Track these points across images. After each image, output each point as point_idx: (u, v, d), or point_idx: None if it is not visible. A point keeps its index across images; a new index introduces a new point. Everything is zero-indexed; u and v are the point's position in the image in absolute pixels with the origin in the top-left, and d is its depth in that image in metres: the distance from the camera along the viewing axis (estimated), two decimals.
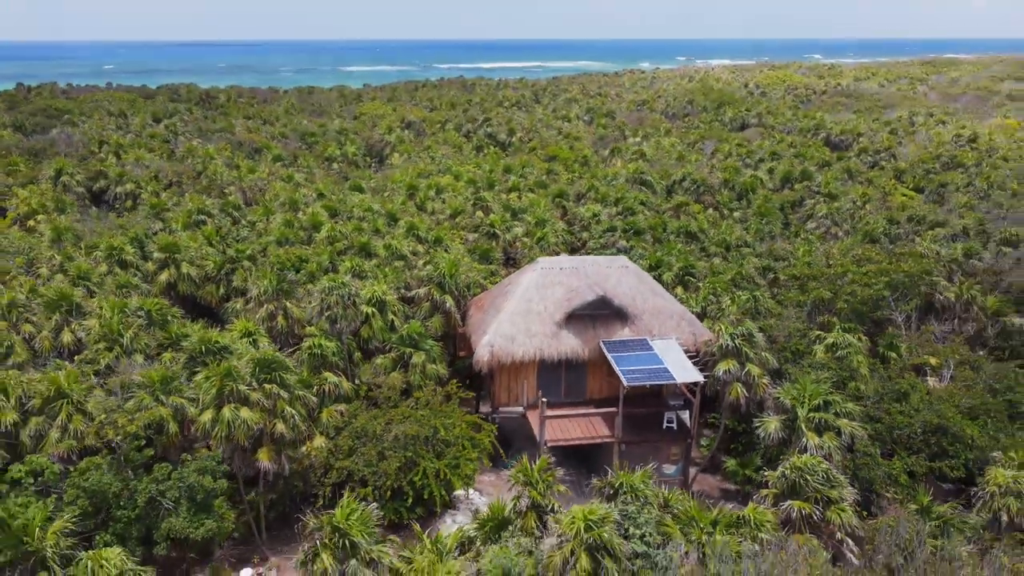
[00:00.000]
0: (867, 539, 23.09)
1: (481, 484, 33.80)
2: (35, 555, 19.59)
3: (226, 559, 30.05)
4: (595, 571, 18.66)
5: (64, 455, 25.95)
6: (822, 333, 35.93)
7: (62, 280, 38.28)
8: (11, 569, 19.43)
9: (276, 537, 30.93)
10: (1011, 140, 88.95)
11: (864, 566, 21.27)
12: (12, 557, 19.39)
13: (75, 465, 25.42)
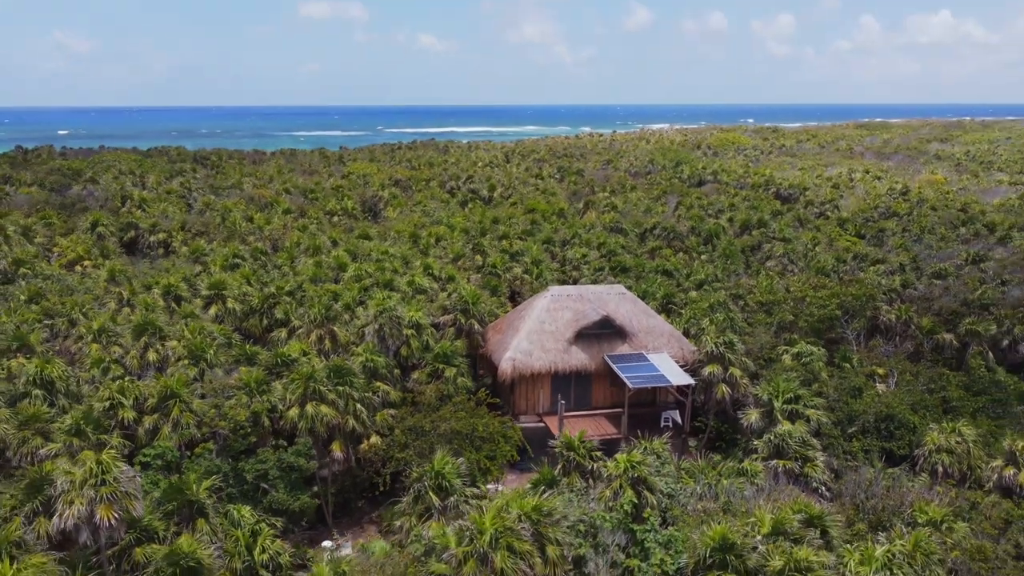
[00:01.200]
0: (836, 490, 29.10)
1: (507, 482, 39.04)
2: (195, 504, 24.48)
3: (299, 541, 34.70)
4: (637, 502, 24.25)
5: (177, 444, 30.75)
6: (788, 347, 42.48)
7: (129, 312, 43.14)
8: (178, 514, 24.29)
9: (337, 523, 35.70)
10: (938, 193, 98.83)
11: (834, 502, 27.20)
12: (178, 505, 24.29)
13: (189, 453, 30.31)
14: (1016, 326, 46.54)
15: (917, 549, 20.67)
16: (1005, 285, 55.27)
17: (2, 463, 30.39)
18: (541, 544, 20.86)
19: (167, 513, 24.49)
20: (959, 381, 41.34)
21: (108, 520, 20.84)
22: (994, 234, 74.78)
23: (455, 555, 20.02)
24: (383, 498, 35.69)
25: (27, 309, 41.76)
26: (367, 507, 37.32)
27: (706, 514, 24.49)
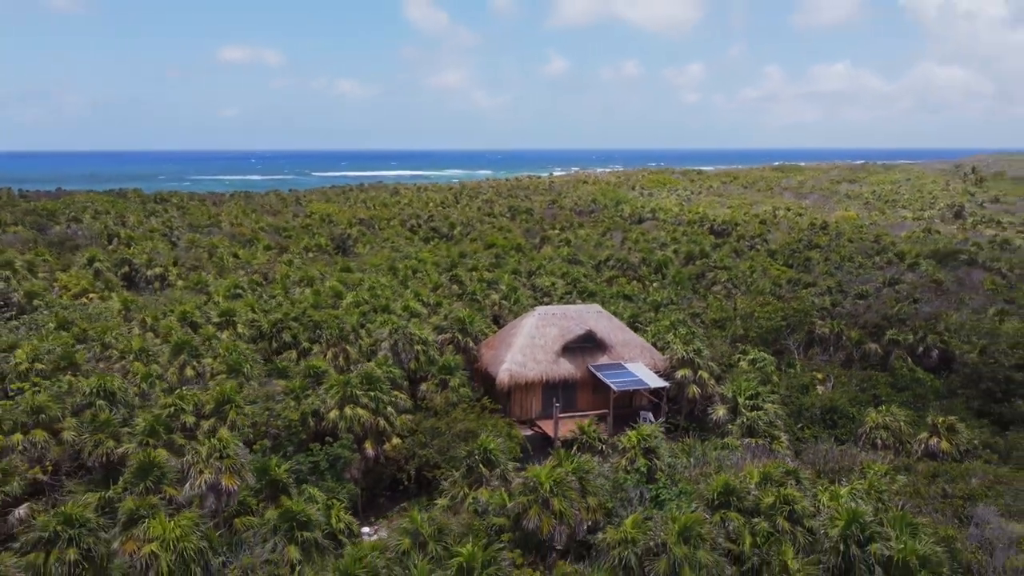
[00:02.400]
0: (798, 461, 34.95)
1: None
2: (278, 483, 28.55)
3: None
4: (649, 468, 29.49)
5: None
6: (743, 355, 48.76)
7: (152, 336, 46.45)
8: (266, 492, 28.29)
9: (365, 515, 39.64)
10: (852, 227, 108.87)
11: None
12: (265, 484, 28.33)
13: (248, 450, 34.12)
14: (928, 335, 53.96)
15: (872, 488, 26.53)
16: (917, 303, 63.28)
17: (78, 465, 33.71)
18: (583, 494, 25.90)
19: (256, 491, 28.50)
20: (886, 380, 48.30)
21: (231, 486, 24.90)
22: (904, 261, 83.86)
23: (520, 502, 24.85)
24: (401, 495, 40.03)
25: (58, 335, 44.63)
26: (387, 503, 41.38)
27: (703, 475, 29.92)
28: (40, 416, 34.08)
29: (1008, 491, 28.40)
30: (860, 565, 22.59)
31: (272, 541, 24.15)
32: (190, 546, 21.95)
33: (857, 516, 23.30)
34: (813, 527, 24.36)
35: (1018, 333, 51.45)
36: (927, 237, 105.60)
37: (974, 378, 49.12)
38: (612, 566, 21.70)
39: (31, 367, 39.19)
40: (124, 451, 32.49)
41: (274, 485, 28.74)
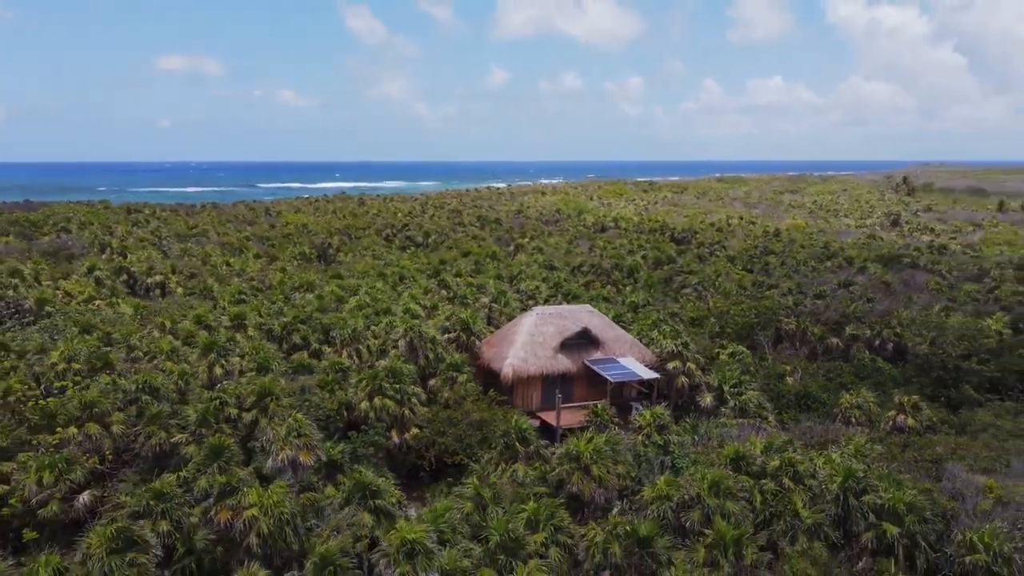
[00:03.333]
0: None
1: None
2: (334, 463, 31.34)
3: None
4: (664, 443, 33.18)
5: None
6: (722, 348, 52.98)
7: (172, 339, 48.45)
8: (323, 471, 31.06)
9: None
10: (803, 234, 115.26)
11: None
12: (321, 465, 31.13)
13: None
14: (884, 330, 59.12)
15: (858, 451, 30.69)
16: (871, 302, 68.71)
17: (132, 456, 35.86)
18: (615, 463, 29.42)
19: (315, 470, 31.25)
20: (849, 369, 53.10)
21: (307, 461, 27.73)
22: (853, 265, 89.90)
23: (564, 469, 28.25)
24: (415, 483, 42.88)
25: (82, 338, 46.32)
26: (404, 489, 44.17)
27: (708, 449, 33.74)
28: (93, 410, 36.13)
29: (968, 455, 32.89)
30: (856, 512, 26.59)
31: (347, 509, 27.01)
32: (285, 511, 24.72)
33: (852, 473, 27.35)
34: (813, 485, 28.29)
35: (963, 327, 56.95)
36: (871, 243, 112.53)
37: (926, 367, 54.29)
38: (653, 518, 25.20)
39: (68, 367, 41.04)
40: (177, 441, 34.90)
41: (331, 465, 31.55)
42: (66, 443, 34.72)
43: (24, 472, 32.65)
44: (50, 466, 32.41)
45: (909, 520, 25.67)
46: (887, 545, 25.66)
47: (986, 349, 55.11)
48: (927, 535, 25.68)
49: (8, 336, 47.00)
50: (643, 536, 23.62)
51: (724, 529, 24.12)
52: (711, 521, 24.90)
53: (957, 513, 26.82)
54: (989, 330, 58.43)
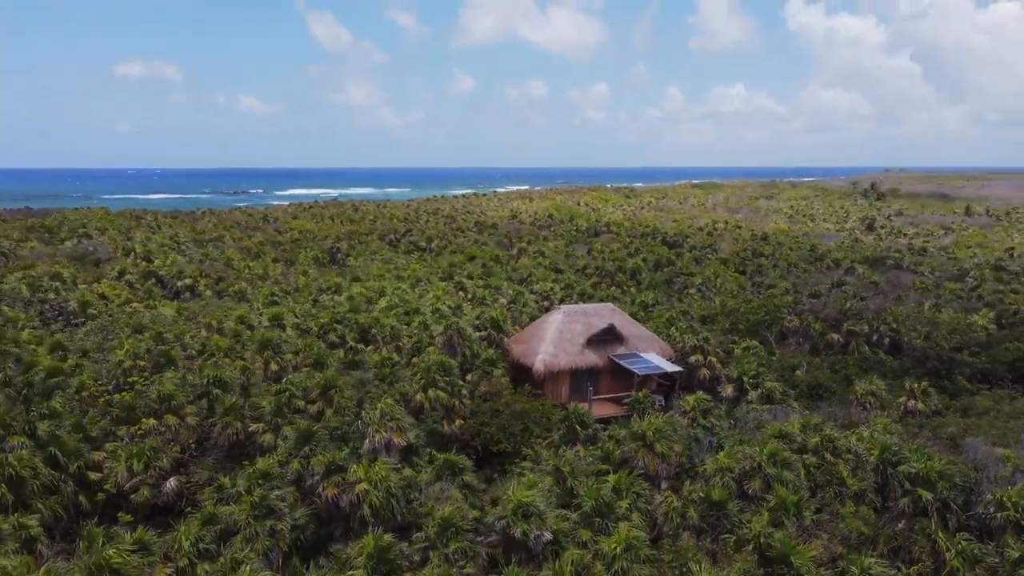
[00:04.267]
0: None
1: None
2: (409, 446, 33.87)
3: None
4: (709, 425, 36.15)
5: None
6: (736, 343, 56.26)
7: (219, 338, 50.53)
8: (400, 453, 33.57)
9: None
10: (790, 238, 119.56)
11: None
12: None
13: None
14: (880, 326, 62.83)
15: (885, 429, 33.94)
16: (864, 300, 72.55)
17: (211, 444, 38.04)
18: (673, 441, 32.35)
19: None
20: (853, 362, 56.63)
21: (400, 442, 30.28)
22: (840, 267, 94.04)
23: (630, 447, 31.08)
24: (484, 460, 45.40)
25: (136, 338, 48.25)
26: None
27: (743, 430, 36.80)
28: (170, 403, 38.30)
29: (979, 432, 36.32)
30: (894, 480, 29.75)
31: (438, 484, 29.60)
32: (392, 484, 27.26)
33: (888, 446, 30.55)
34: (849, 459, 31.42)
35: (954, 322, 60.89)
36: (855, 246, 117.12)
37: (921, 359, 57.99)
38: (720, 486, 28.13)
39: (134, 364, 43.05)
40: (254, 430, 37.22)
41: (408, 449, 34.07)
42: (149, 433, 36.85)
43: (115, 460, 34.78)
44: (138, 455, 34.59)
45: (940, 486, 28.83)
46: (922, 508, 28.77)
47: (976, 342, 59.01)
48: (956, 499, 28.86)
49: (63, 336, 48.76)
50: (716, 500, 26.52)
51: (784, 494, 27.12)
52: (771, 488, 27.89)
53: (980, 481, 30.08)
54: (977, 325, 62.39)
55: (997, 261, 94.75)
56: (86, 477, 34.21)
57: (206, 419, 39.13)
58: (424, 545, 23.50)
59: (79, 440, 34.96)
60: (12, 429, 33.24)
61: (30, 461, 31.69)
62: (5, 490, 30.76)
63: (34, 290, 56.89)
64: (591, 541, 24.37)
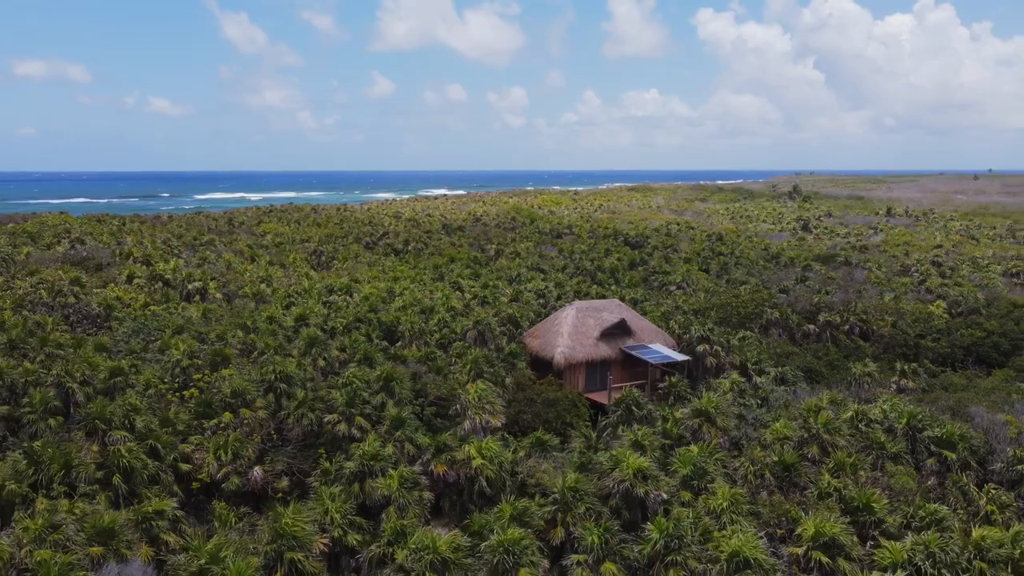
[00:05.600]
0: None
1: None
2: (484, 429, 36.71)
3: None
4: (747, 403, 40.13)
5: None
6: (732, 334, 60.80)
7: (254, 336, 52.03)
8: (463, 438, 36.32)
9: None
10: (741, 238, 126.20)
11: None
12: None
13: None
14: (851, 316, 68.56)
15: (895, 403, 38.64)
16: (829, 294, 78.49)
17: (283, 435, 39.91)
18: (727, 416, 36.21)
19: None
20: (834, 349, 61.96)
21: (496, 423, 33.14)
22: (796, 264, 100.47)
23: (695, 422, 34.75)
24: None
25: (179, 338, 49.38)
26: None
27: (775, 408, 40.97)
28: (244, 397, 40.06)
29: (975, 402, 41.52)
30: (921, 444, 34.30)
31: (531, 460, 32.61)
32: (505, 459, 30.16)
33: (914, 414, 35.11)
34: (880, 427, 35.86)
35: (916, 311, 67.04)
36: (801, 244, 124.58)
37: (891, 345, 63.83)
38: (779, 453, 32.04)
39: (192, 363, 44.43)
40: (329, 420, 39.36)
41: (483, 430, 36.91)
42: (227, 426, 38.56)
43: (205, 452, 36.53)
44: (224, 446, 36.44)
45: (961, 447, 33.49)
46: (947, 467, 33.39)
47: (936, 329, 65.26)
48: (974, 458, 33.61)
49: (102, 339, 49.41)
50: (788, 463, 30.41)
51: (841, 456, 31.23)
52: (827, 452, 31.98)
53: (990, 441, 34.95)
54: (935, 315, 68.81)
55: (934, 258, 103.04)
56: (179, 468, 35.84)
57: (275, 412, 41.00)
58: (554, 508, 26.47)
59: (169, 434, 36.47)
60: (113, 424, 34.58)
61: (137, 453, 33.23)
62: (120, 480, 32.25)
63: (54, 295, 56.87)
64: (691, 500, 27.83)
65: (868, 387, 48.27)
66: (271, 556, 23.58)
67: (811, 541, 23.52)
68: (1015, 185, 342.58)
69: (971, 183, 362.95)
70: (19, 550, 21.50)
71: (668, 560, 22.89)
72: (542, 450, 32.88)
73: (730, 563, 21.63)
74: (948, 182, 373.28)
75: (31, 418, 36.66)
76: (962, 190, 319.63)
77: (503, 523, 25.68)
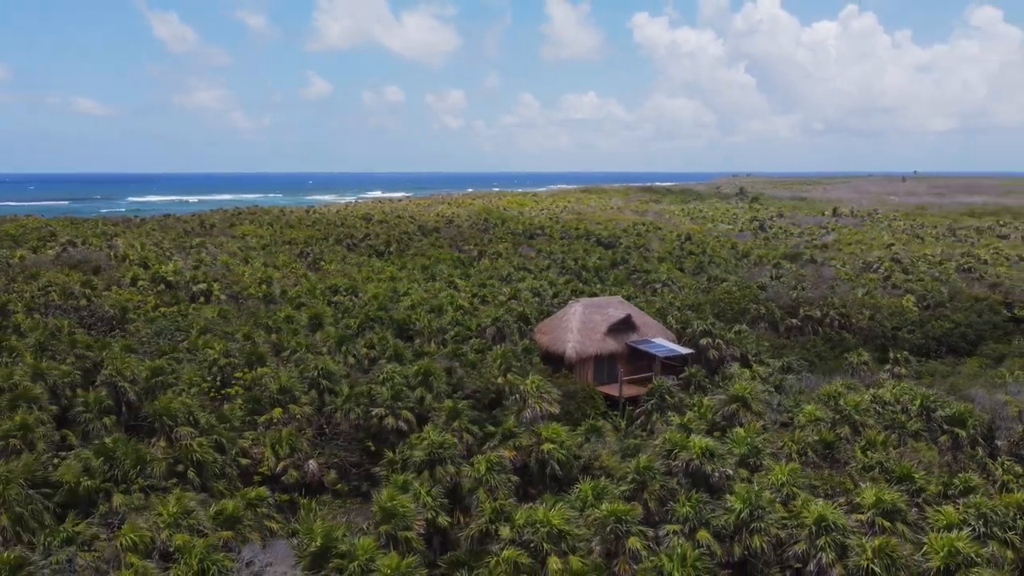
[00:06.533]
0: None
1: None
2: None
3: None
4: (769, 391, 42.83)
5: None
6: (730, 327, 63.81)
7: (276, 336, 52.78)
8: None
9: None
10: (709, 237, 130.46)
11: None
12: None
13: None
14: (831, 310, 72.41)
15: (904, 387, 41.86)
16: (804, 290, 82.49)
17: (333, 429, 41.04)
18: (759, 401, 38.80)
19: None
20: (821, 341, 65.56)
21: (554, 410, 35.03)
22: (766, 262, 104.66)
23: (732, 407, 37.22)
24: None
25: (206, 338, 49.82)
26: None
27: (790, 394, 43.79)
28: (293, 394, 41.06)
29: (971, 385, 45.12)
30: (934, 423, 37.41)
31: (587, 445, 34.61)
32: (572, 443, 32.09)
33: (927, 395, 38.25)
34: (896, 408, 38.89)
35: (892, 304, 71.29)
36: (767, 244, 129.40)
37: (869, 336, 67.84)
38: (819, 432, 34.70)
39: (228, 362, 45.09)
40: (378, 413, 40.67)
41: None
42: (278, 422, 39.55)
43: (263, 446, 37.55)
44: (279, 441, 37.56)
45: (970, 424, 36.69)
46: (958, 443, 36.53)
47: (911, 322, 69.56)
48: (981, 434, 36.86)
49: (127, 340, 49.53)
50: (828, 441, 33.08)
51: (872, 433, 34.06)
52: (858, 431, 34.77)
53: (994, 419, 38.32)
54: (907, 308, 73.22)
55: (894, 255, 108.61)
56: (239, 462, 36.74)
57: (320, 408, 42.10)
58: (632, 486, 28.49)
59: (227, 430, 37.30)
60: (178, 420, 35.29)
61: (207, 448, 34.09)
62: (194, 474, 33.12)
63: (65, 297, 56.49)
64: (749, 477, 30.18)
65: (864, 374, 51.62)
66: (384, 535, 24.99)
67: (873, 508, 26.01)
68: (942, 186, 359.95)
69: (900, 184, 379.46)
70: (158, 534, 22.48)
71: (752, 527, 25.10)
72: (597, 435, 34.90)
73: (817, 526, 23.95)
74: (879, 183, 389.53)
75: (87, 417, 37.04)
76: (894, 191, 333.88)
77: (587, 500, 27.57)
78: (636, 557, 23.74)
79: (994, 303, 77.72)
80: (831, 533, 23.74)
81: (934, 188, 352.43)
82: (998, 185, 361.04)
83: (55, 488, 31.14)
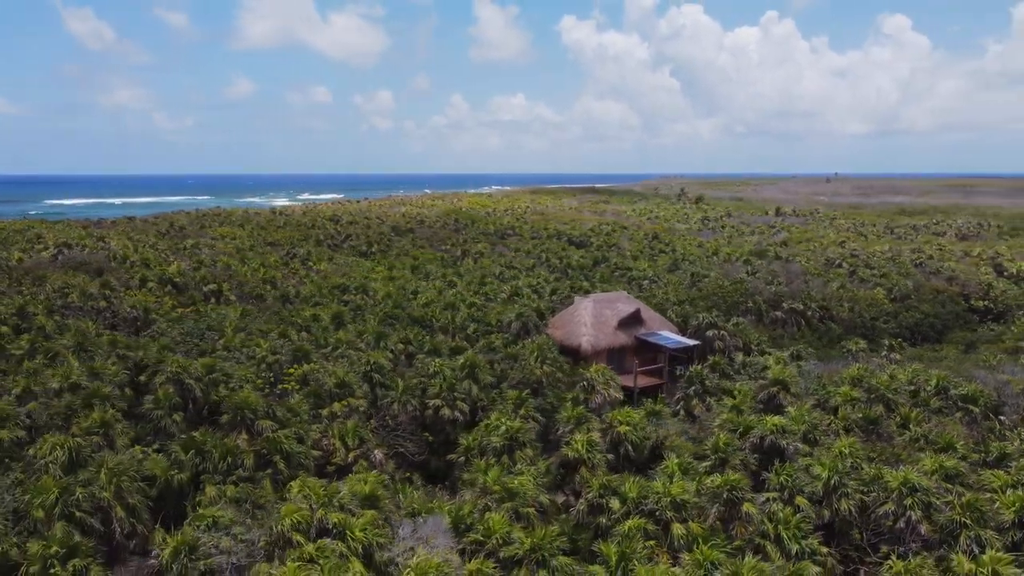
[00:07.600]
0: None
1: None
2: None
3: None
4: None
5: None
6: (727, 319, 66.97)
7: (305, 335, 53.39)
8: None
9: None
10: (675, 236, 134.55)
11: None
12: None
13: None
14: (812, 303, 76.51)
15: (916, 370, 45.39)
16: (782, 284, 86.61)
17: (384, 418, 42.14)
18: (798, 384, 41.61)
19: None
20: (810, 332, 69.37)
21: (620, 396, 37.06)
22: (734, 259, 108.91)
23: (771, 390, 39.95)
24: None
25: (239, 337, 50.18)
26: None
27: (809, 379, 46.89)
28: (350, 387, 42.06)
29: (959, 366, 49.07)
30: (949, 401, 40.89)
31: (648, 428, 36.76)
32: (644, 426, 34.20)
33: (941, 377, 41.73)
34: (910, 390, 42.25)
35: (870, 297, 75.77)
36: (731, 242, 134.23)
37: (851, 327, 72.05)
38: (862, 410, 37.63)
39: (275, 359, 45.73)
40: (433, 404, 42.05)
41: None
42: (342, 414, 40.55)
43: (332, 438, 38.58)
44: (347, 433, 38.72)
45: (982, 401, 40.28)
46: (973, 419, 40.06)
47: (886, 312, 74.14)
48: (991, 409, 40.50)
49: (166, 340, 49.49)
50: (872, 418, 36.04)
51: (906, 411, 37.20)
52: (891, 408, 37.88)
53: (1000, 397, 42.06)
54: (879, 300, 77.90)
55: (853, 251, 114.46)
56: (313, 453, 37.66)
57: (374, 400, 43.20)
58: (715, 460, 30.76)
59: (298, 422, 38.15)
60: (258, 413, 36.03)
61: (291, 440, 35.01)
62: (283, 464, 34.03)
63: (85, 299, 55.76)
64: (810, 450, 32.83)
65: (863, 360, 55.26)
66: (510, 512, 26.58)
67: (936, 473, 28.88)
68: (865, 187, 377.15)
69: (825, 185, 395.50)
70: (313, 514, 23.60)
71: (840, 492, 27.64)
72: (658, 418, 37.12)
73: (904, 487, 26.62)
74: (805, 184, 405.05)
75: (158, 414, 37.42)
76: (820, 192, 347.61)
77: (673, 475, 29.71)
78: (750, 520, 25.97)
79: (953, 295, 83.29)
80: (916, 494, 26.42)
81: (858, 189, 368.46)
82: (917, 185, 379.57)
83: (149, 482, 31.75)
